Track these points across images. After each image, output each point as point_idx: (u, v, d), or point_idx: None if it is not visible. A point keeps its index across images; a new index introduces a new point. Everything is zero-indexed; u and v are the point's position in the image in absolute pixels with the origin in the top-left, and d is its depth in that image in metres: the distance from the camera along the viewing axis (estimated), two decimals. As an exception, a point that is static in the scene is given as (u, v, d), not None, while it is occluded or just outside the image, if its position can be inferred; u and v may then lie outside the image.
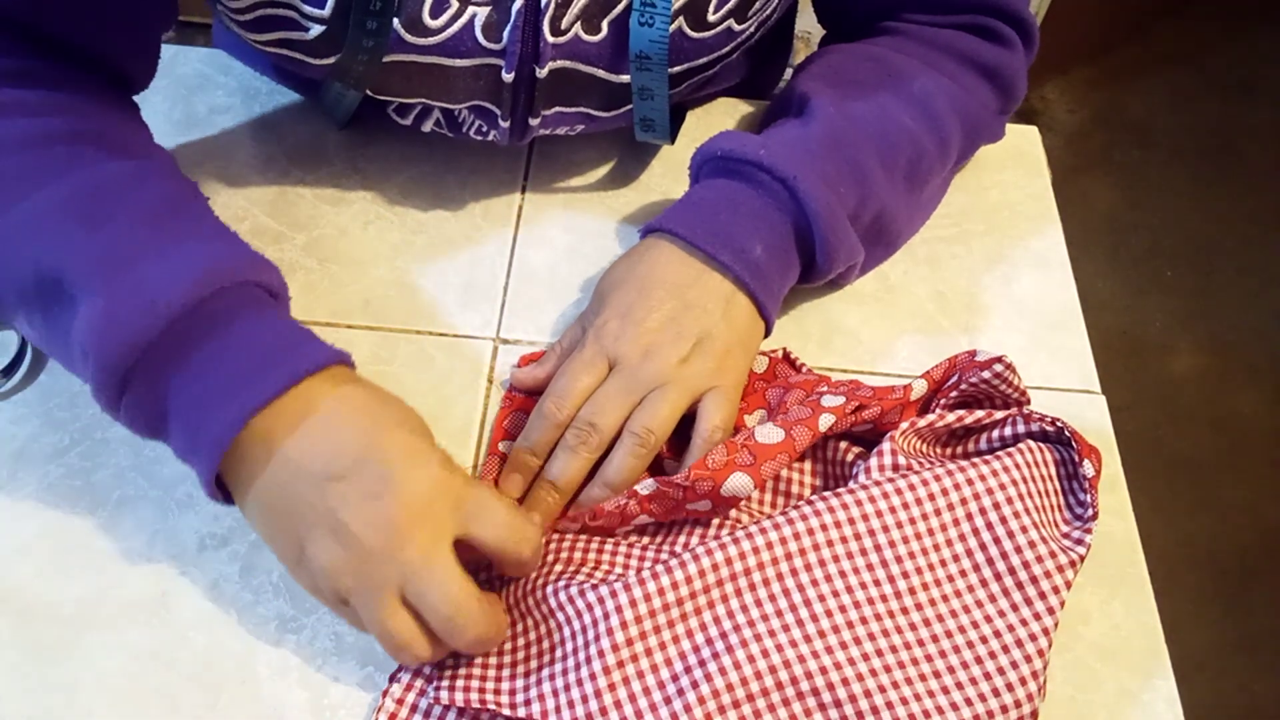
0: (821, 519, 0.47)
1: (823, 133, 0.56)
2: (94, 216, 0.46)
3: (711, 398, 0.51)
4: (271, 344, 0.45)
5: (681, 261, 0.54)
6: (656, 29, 0.54)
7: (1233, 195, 1.91)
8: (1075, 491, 0.51)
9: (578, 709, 0.43)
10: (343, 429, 0.44)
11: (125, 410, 0.45)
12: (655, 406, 0.50)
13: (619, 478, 0.50)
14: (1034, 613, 0.46)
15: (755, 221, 0.54)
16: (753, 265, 0.53)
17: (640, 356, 0.51)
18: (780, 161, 0.54)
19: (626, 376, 0.51)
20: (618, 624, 0.44)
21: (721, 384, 0.52)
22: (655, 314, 0.52)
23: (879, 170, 0.57)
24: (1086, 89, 2.04)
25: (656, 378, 0.51)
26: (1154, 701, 0.49)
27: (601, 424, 0.50)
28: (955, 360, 0.53)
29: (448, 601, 0.42)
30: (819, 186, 0.54)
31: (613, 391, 0.51)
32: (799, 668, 0.44)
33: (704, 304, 0.53)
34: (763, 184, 0.55)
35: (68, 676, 0.46)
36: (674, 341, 0.52)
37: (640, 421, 0.50)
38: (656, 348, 0.51)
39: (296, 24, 0.53)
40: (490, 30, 0.54)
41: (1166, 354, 1.70)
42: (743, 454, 0.49)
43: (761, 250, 0.54)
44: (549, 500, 0.50)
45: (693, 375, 0.51)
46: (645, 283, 0.54)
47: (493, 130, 0.60)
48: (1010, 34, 0.62)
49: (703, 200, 0.56)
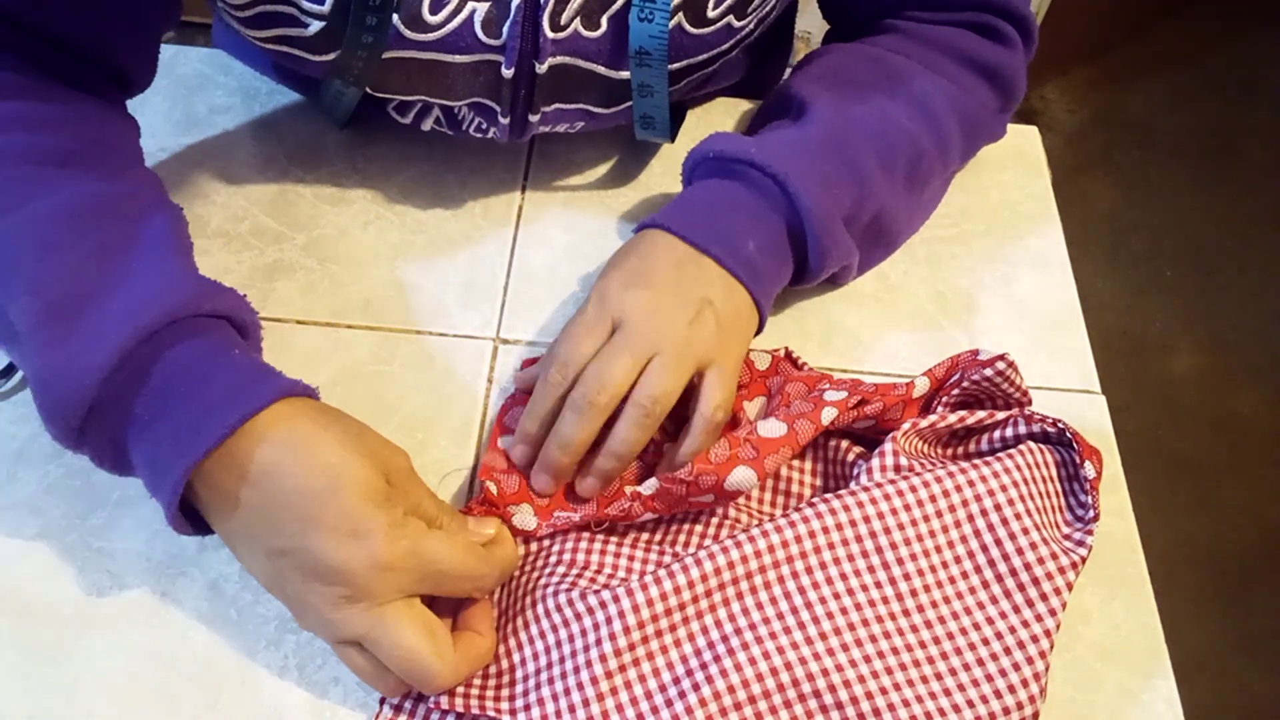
0: (824, 520, 0.47)
1: (819, 133, 0.56)
2: (49, 247, 0.46)
3: (713, 374, 0.51)
4: (212, 389, 0.44)
5: (680, 246, 0.54)
6: (656, 24, 0.54)
7: (1233, 195, 1.91)
8: (1076, 493, 0.51)
9: (579, 713, 0.43)
10: (279, 498, 0.43)
11: (89, 454, 0.45)
12: (659, 376, 0.50)
13: (625, 448, 0.50)
14: (1036, 614, 0.46)
15: (748, 219, 0.54)
16: (746, 260, 0.53)
17: (645, 315, 0.51)
18: (772, 159, 0.54)
19: (631, 335, 0.50)
20: (620, 628, 0.44)
21: (723, 361, 0.52)
22: (659, 278, 0.52)
23: (877, 171, 0.57)
24: (1086, 89, 2.04)
25: (661, 340, 0.50)
26: (1154, 701, 0.49)
27: (609, 384, 0.49)
28: (957, 359, 0.53)
29: (401, 657, 0.42)
30: (812, 185, 0.54)
31: (618, 352, 0.50)
32: (801, 670, 0.44)
33: (706, 276, 0.53)
34: (755, 182, 0.55)
35: (68, 676, 0.46)
36: (679, 304, 0.51)
37: (645, 391, 0.49)
38: (661, 308, 0.51)
39: (296, 20, 0.53)
40: (490, 26, 0.54)
41: (1166, 354, 1.70)
42: (745, 448, 0.49)
43: (754, 246, 0.54)
44: (561, 460, 0.50)
45: (697, 341, 0.51)
46: (648, 256, 0.53)
47: (492, 127, 0.60)
48: (1010, 32, 0.62)
49: (696, 199, 0.56)
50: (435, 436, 0.54)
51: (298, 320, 0.59)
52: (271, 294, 0.59)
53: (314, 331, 0.58)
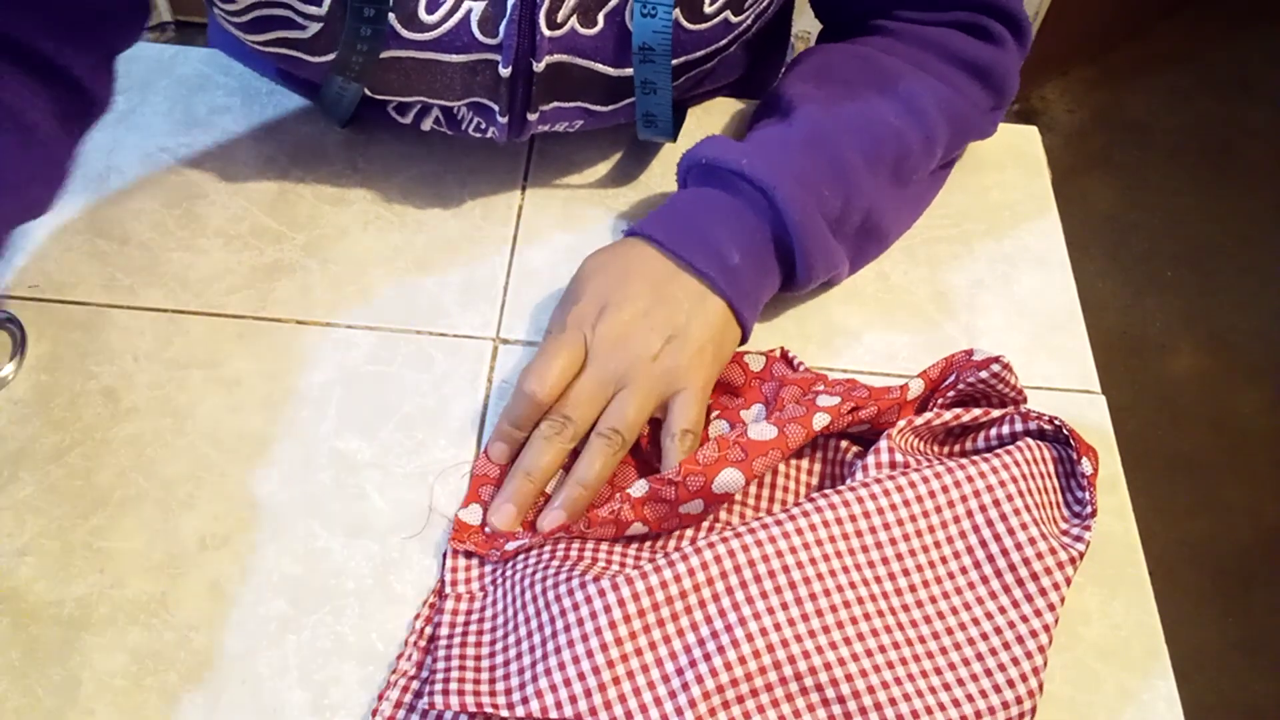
0: (823, 515, 0.47)
1: (807, 134, 0.57)
2: None
3: (680, 399, 0.53)
4: None
5: (659, 261, 0.55)
6: (660, 19, 0.54)
7: (1233, 195, 1.91)
8: (1074, 489, 0.51)
9: (580, 703, 0.43)
10: None
11: None
12: (622, 407, 0.52)
13: (590, 474, 0.51)
14: (1034, 609, 0.46)
15: (734, 229, 0.55)
16: (729, 271, 0.54)
17: (612, 346, 0.53)
18: (761, 172, 0.55)
19: (599, 368, 0.52)
20: (620, 616, 0.44)
21: (690, 385, 0.53)
22: (630, 305, 0.53)
23: (863, 168, 0.57)
24: (1086, 89, 2.04)
25: (627, 372, 0.52)
26: (1154, 701, 0.49)
27: (575, 417, 0.52)
28: (952, 360, 0.53)
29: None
30: (800, 197, 0.54)
31: (587, 384, 0.52)
32: (804, 663, 0.44)
33: (678, 301, 0.54)
34: (743, 193, 0.56)
35: (68, 676, 0.46)
36: (646, 336, 0.53)
37: (608, 423, 0.51)
38: (629, 340, 0.53)
39: (294, 23, 0.53)
40: (486, 25, 0.54)
41: (1166, 354, 1.70)
42: (734, 450, 0.49)
43: (739, 258, 0.55)
44: (526, 488, 0.51)
45: (661, 373, 0.52)
46: (624, 274, 0.55)
47: (491, 127, 0.60)
48: (1001, 31, 0.63)
49: (683, 208, 0.57)
50: (435, 436, 0.54)
51: (298, 320, 0.59)
52: (271, 294, 0.59)
53: (314, 331, 0.58)
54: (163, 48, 0.71)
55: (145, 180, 0.64)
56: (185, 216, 0.62)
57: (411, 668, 0.47)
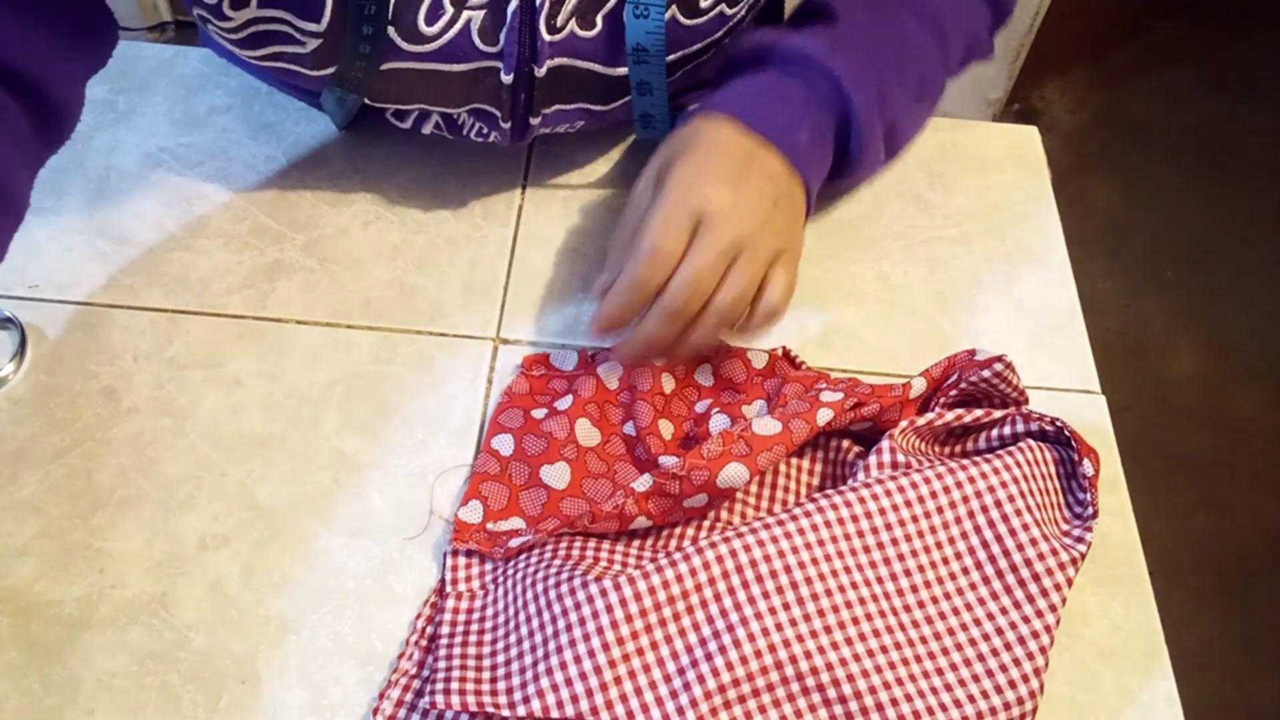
0: (824, 515, 0.47)
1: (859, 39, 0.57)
2: None
3: (780, 263, 0.53)
4: None
5: (742, 136, 0.54)
6: (652, 20, 0.54)
7: (1233, 195, 1.90)
8: (1075, 490, 0.51)
9: (581, 703, 0.43)
10: None
11: None
12: (741, 275, 0.51)
13: (701, 344, 0.52)
14: (1035, 610, 0.46)
15: (804, 111, 0.56)
16: (802, 152, 0.55)
17: (729, 212, 0.51)
18: (829, 59, 0.55)
19: (718, 236, 0.51)
20: (621, 616, 0.44)
21: (791, 250, 0.54)
22: (734, 169, 0.53)
23: (896, 85, 0.58)
24: (1086, 89, 2.04)
25: (745, 238, 0.52)
26: (1154, 701, 0.49)
27: (703, 290, 0.51)
28: (954, 359, 0.53)
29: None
30: (861, 87, 0.55)
31: (708, 254, 0.51)
32: (805, 663, 0.44)
33: (772, 171, 0.54)
34: (810, 79, 0.56)
35: (68, 676, 0.46)
36: (758, 200, 0.53)
37: (727, 295, 0.51)
38: (742, 205, 0.52)
39: (292, 38, 0.53)
40: (486, 34, 0.54)
41: (1166, 354, 1.70)
42: (739, 444, 0.49)
43: (807, 139, 0.55)
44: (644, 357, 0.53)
45: (775, 237, 0.53)
46: (711, 148, 0.54)
47: (493, 132, 0.60)
48: None
49: (755, 88, 0.56)
50: (435, 436, 0.54)
51: (298, 320, 0.59)
52: (271, 294, 0.59)
53: (314, 331, 0.58)
54: (163, 48, 0.71)
55: (145, 180, 0.64)
56: (185, 216, 0.62)
57: (412, 667, 0.47)
